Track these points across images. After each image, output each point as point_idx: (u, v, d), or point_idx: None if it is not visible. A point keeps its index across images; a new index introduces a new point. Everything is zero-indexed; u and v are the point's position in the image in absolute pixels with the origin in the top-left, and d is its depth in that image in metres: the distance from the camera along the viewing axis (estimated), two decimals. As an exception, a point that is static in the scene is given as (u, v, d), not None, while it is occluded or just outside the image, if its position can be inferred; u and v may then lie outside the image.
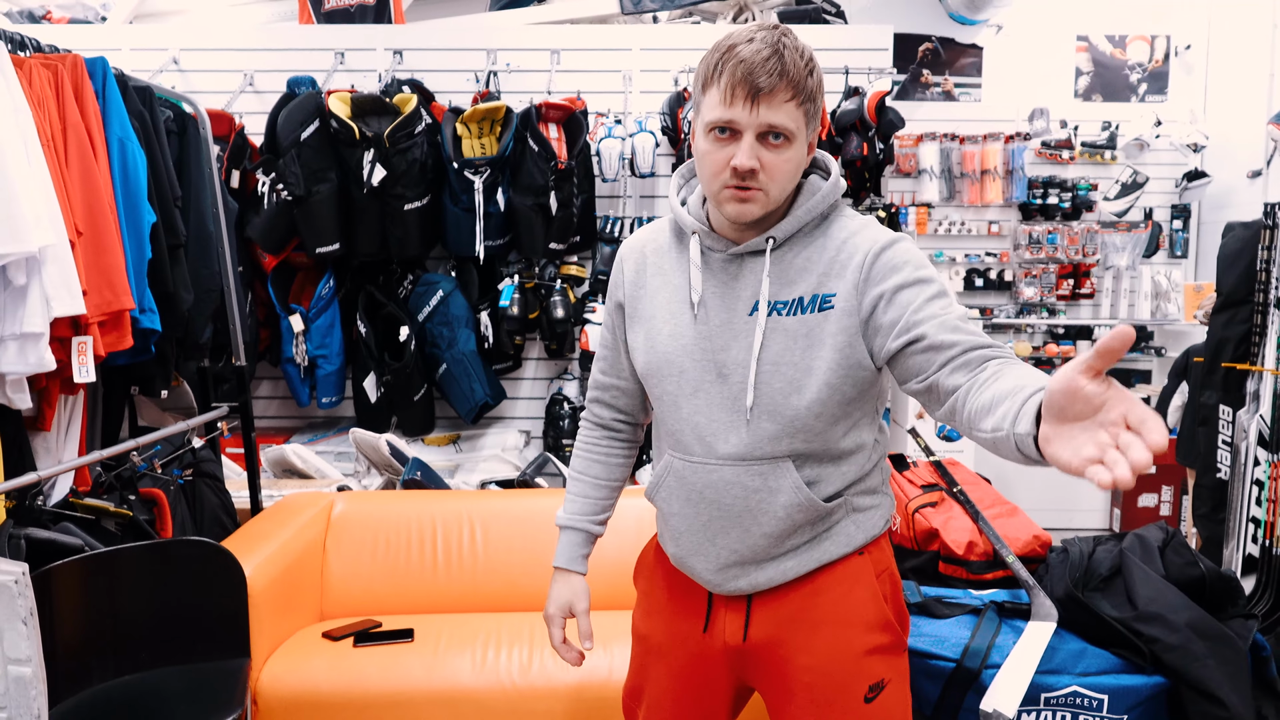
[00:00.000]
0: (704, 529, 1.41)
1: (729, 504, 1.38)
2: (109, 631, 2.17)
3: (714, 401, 1.37)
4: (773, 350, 1.33)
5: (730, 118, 1.26)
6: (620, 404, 1.62)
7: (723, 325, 1.36)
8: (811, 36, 4.28)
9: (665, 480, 1.45)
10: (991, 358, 1.19)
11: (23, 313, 2.00)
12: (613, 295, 1.54)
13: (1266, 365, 3.42)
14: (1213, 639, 1.91)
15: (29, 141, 2.01)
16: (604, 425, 1.64)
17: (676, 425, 1.41)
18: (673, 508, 1.45)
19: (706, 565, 1.43)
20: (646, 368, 1.44)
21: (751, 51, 1.24)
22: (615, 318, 1.55)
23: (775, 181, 1.29)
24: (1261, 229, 3.46)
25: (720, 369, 1.36)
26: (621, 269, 1.52)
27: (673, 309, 1.42)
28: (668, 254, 1.47)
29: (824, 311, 1.32)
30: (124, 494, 2.54)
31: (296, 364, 3.93)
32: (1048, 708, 1.96)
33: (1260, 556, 3.39)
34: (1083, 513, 5.34)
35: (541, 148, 3.75)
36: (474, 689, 2.32)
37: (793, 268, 1.35)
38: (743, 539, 1.39)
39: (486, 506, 2.93)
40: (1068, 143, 5.84)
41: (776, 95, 1.24)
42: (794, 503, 1.36)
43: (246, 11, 4.87)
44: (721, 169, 1.28)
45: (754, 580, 1.42)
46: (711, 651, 1.48)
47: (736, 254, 1.37)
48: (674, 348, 1.40)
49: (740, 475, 1.36)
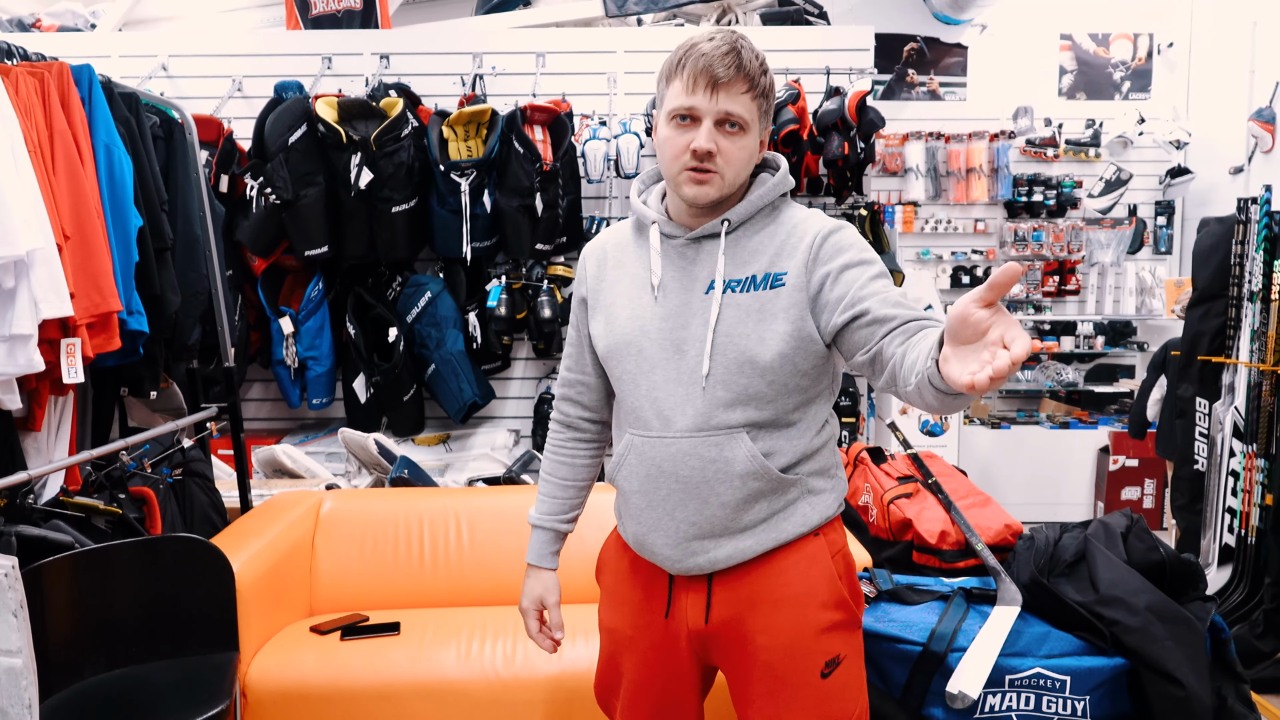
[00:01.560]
0: (663, 503, 1.47)
1: (686, 475, 1.44)
2: (99, 626, 2.22)
3: (670, 376, 1.44)
4: (727, 323, 1.41)
5: (691, 104, 1.37)
6: (585, 399, 1.68)
7: (681, 305, 1.45)
8: (793, 37, 4.34)
9: (626, 459, 1.51)
10: (926, 327, 1.29)
11: (11, 315, 2.05)
12: (576, 292, 1.63)
13: (1241, 358, 3.47)
14: (1171, 621, 1.97)
15: (16, 148, 2.06)
16: (570, 425, 1.71)
17: (636, 402, 1.48)
18: (633, 485, 1.51)
19: (666, 540, 1.48)
20: (607, 350, 1.52)
21: (711, 47, 1.37)
22: (579, 314, 1.63)
23: (730, 166, 1.40)
24: (1235, 224, 3.52)
25: (678, 345, 1.44)
26: (584, 267, 1.61)
27: (631, 294, 1.50)
28: (628, 247, 1.56)
29: (775, 289, 1.42)
30: (114, 492, 2.59)
31: (287, 366, 3.98)
32: (1012, 689, 2.01)
33: (1235, 546, 3.44)
34: (1066, 506, 5.39)
35: (527, 150, 3.80)
36: (459, 680, 2.37)
37: (746, 249, 1.45)
38: (700, 510, 1.45)
39: (473, 503, 2.98)
40: (1052, 140, 5.90)
41: (734, 86, 1.36)
42: (749, 471, 1.43)
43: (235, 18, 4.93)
44: (681, 152, 1.39)
45: (713, 558, 1.47)
46: (675, 636, 1.53)
47: (694, 238, 1.46)
48: (632, 328, 1.48)
49: (697, 446, 1.43)
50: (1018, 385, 5.87)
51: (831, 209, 4.29)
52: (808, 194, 4.24)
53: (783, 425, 1.45)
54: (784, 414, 1.45)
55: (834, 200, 4.27)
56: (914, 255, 5.91)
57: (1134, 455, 5.27)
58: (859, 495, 2.84)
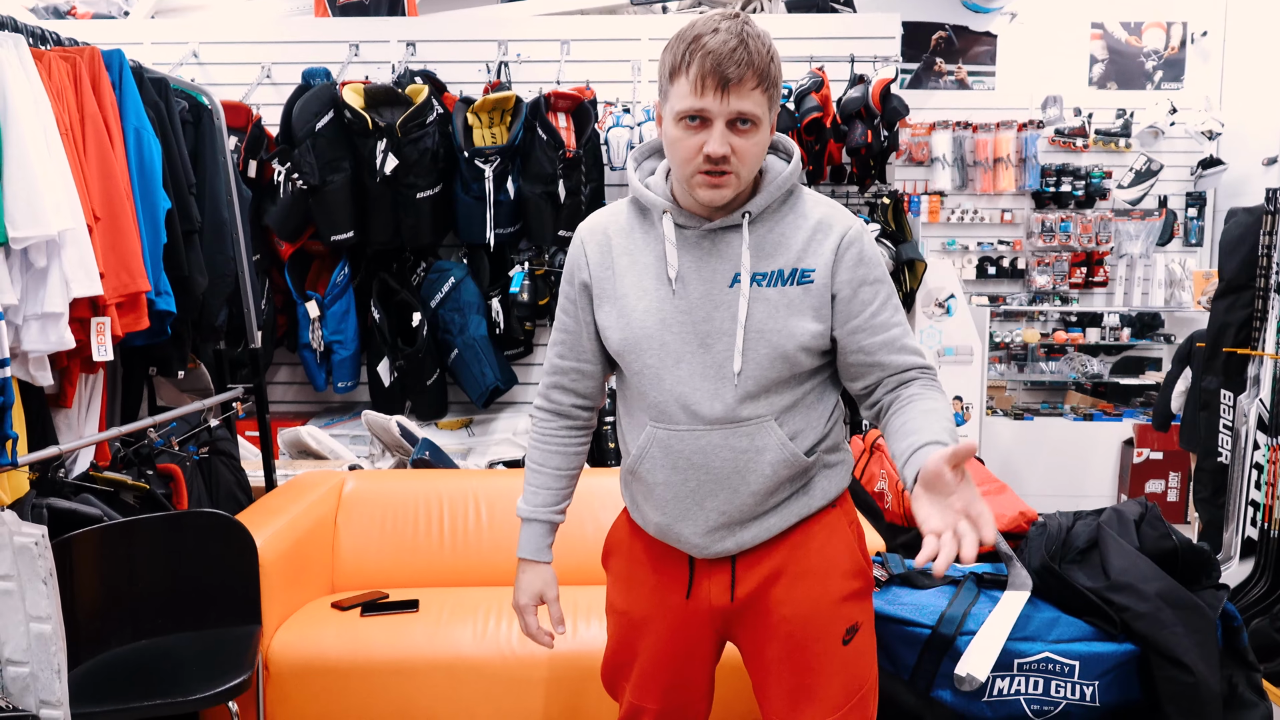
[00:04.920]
0: (692, 494, 1.46)
1: (717, 467, 1.44)
2: (126, 598, 2.28)
3: (696, 371, 1.43)
4: (756, 318, 1.41)
5: (701, 106, 1.32)
6: (580, 387, 1.64)
7: (703, 297, 1.43)
8: (819, 25, 4.33)
9: (649, 451, 1.49)
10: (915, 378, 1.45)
11: (44, 294, 2.11)
12: (574, 276, 1.56)
13: (1267, 350, 3.44)
14: (1182, 608, 1.97)
15: (48, 131, 2.12)
16: (562, 413, 1.66)
17: (659, 397, 1.46)
18: (658, 477, 1.49)
19: (694, 530, 1.48)
20: (624, 344, 1.48)
21: (719, 42, 1.30)
22: (579, 299, 1.56)
23: (745, 165, 1.37)
24: (1264, 214, 3.48)
25: (703, 339, 1.43)
26: (583, 250, 1.54)
27: (645, 285, 1.47)
28: (632, 233, 1.52)
29: (803, 285, 1.43)
30: (142, 469, 2.65)
31: (313, 349, 4.04)
32: (1021, 673, 2.02)
33: (1259, 540, 3.41)
34: (1089, 498, 5.36)
35: (550, 137, 3.83)
36: (474, 657, 2.42)
37: (767, 242, 1.44)
38: (731, 499, 1.46)
39: (492, 485, 3.03)
40: (1081, 130, 5.84)
41: (745, 84, 1.32)
42: (780, 459, 1.45)
43: (264, 5, 4.99)
44: (694, 155, 1.35)
45: (740, 540, 1.49)
46: (696, 616, 1.55)
47: (711, 229, 1.44)
48: (652, 321, 1.45)
49: (728, 438, 1.43)
50: (1042, 377, 5.84)
51: (854, 197, 4.28)
52: (831, 182, 4.24)
53: (804, 408, 1.48)
54: (805, 397, 1.47)
55: (857, 189, 4.26)
56: (939, 245, 5.88)
57: (1159, 448, 5.22)
58: (875, 482, 2.85)
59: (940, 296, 4.39)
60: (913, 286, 4.21)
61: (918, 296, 4.30)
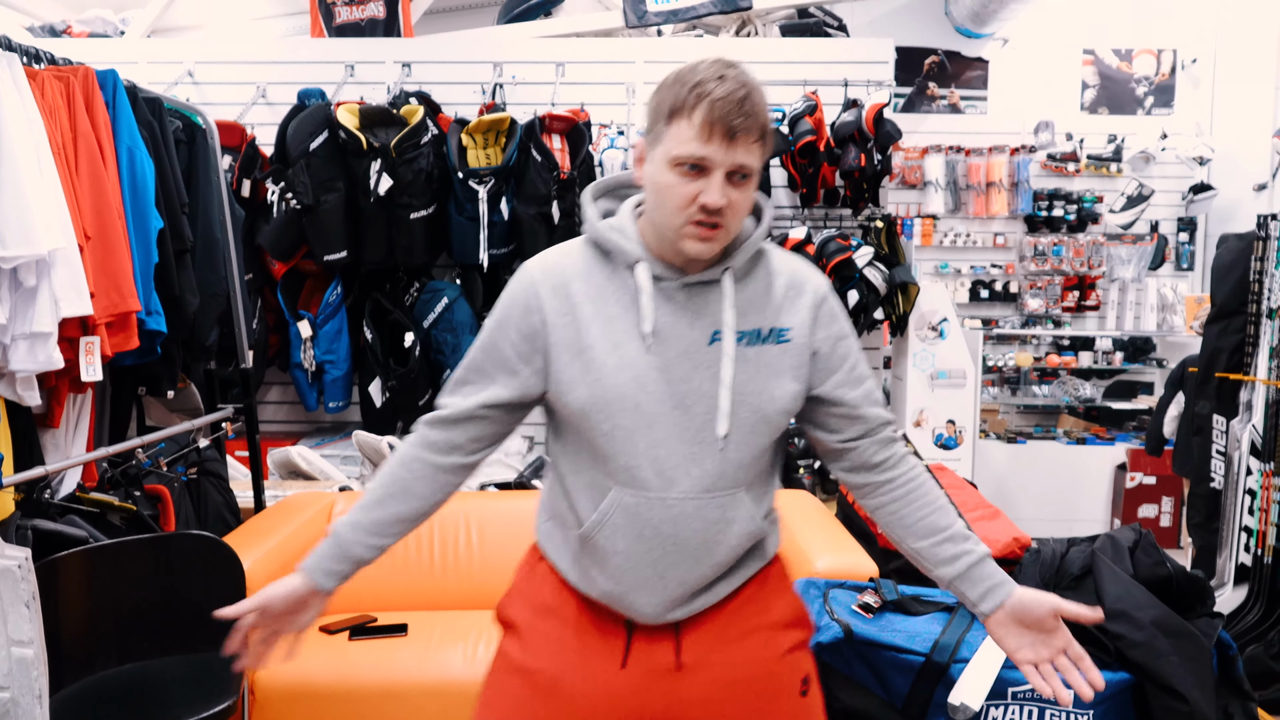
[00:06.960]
0: (654, 565, 1.36)
1: (687, 538, 1.35)
2: (111, 621, 2.25)
3: (673, 434, 1.33)
4: (738, 379, 1.34)
5: (705, 154, 1.25)
6: (485, 433, 1.43)
7: (681, 355, 1.34)
8: (812, 49, 4.36)
9: (610, 518, 1.35)
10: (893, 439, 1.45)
11: (32, 313, 2.09)
12: (522, 319, 1.37)
13: (1259, 375, 3.44)
14: (1177, 636, 1.95)
15: (40, 149, 2.11)
16: (458, 448, 1.43)
17: (631, 460, 1.34)
18: (617, 545, 1.36)
19: (651, 600, 1.37)
20: (592, 403, 1.34)
21: (726, 91, 1.24)
22: (518, 345, 1.37)
23: (736, 218, 1.30)
24: (1255, 240, 3.50)
25: (680, 400, 1.33)
26: (534, 293, 1.37)
27: (615, 339, 1.34)
28: (591, 279, 1.37)
29: (781, 345, 1.36)
30: (129, 490, 2.63)
31: (304, 369, 4.02)
32: (1015, 702, 2.01)
33: (1252, 566, 3.41)
34: (1082, 523, 5.35)
35: (545, 158, 3.84)
36: (464, 681, 2.39)
37: (742, 299, 1.36)
38: (693, 570, 1.37)
39: (483, 507, 3.01)
40: (1073, 155, 5.89)
41: (749, 136, 1.26)
42: (746, 531, 1.38)
43: (260, 26, 5.01)
44: (687, 204, 1.27)
45: (691, 608, 1.40)
46: (630, 686, 1.41)
47: (689, 283, 1.34)
48: (624, 379, 1.33)
49: (702, 508, 1.34)
50: (1035, 400, 5.85)
51: (848, 220, 4.29)
52: (824, 205, 4.25)
53: (766, 474, 1.42)
54: (770, 463, 1.42)
55: (850, 211, 4.27)
56: (933, 269, 5.90)
57: (1151, 472, 5.22)
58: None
59: (933, 320, 4.39)
60: (906, 310, 4.21)
61: (911, 320, 4.30)
